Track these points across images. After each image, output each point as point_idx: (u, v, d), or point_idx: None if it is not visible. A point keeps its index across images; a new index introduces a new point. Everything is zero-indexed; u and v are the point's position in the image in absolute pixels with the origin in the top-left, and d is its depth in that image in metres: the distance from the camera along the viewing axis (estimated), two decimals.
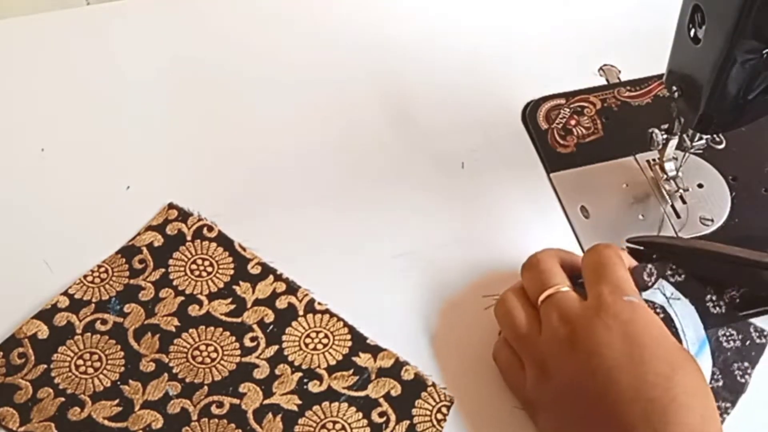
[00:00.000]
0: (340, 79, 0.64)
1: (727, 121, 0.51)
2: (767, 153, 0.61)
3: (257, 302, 0.52)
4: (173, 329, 0.51)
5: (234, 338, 0.51)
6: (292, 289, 0.53)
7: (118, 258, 0.53)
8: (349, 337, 0.51)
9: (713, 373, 0.49)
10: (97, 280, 0.52)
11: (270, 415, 0.48)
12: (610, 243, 0.48)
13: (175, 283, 0.53)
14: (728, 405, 0.48)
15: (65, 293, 0.52)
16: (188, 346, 0.50)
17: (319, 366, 0.50)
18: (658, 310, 0.49)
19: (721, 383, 0.49)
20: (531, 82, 0.65)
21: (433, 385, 0.49)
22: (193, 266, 0.53)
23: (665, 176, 0.58)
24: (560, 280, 0.47)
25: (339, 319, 0.52)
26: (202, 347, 0.50)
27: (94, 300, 0.52)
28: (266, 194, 0.58)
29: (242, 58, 0.65)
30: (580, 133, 0.62)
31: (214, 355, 0.50)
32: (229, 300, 0.52)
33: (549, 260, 0.48)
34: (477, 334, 0.52)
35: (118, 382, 0.49)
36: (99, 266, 0.53)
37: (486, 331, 0.52)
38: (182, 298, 0.52)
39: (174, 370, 0.49)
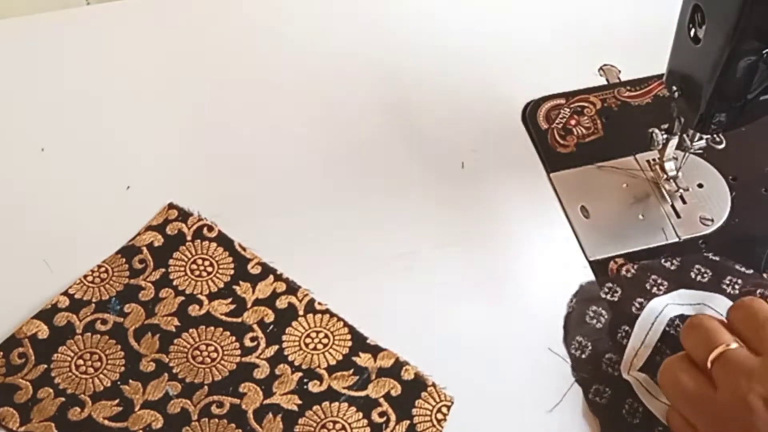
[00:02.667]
0: (340, 79, 0.64)
1: (727, 121, 0.51)
2: (767, 153, 0.61)
3: (257, 302, 0.52)
4: (173, 329, 0.51)
5: (234, 338, 0.51)
6: (292, 289, 0.53)
7: (118, 258, 0.53)
8: (349, 337, 0.51)
9: None
10: (97, 280, 0.52)
11: (270, 415, 0.48)
12: (754, 297, 0.47)
13: (175, 283, 0.53)
14: None
15: (65, 293, 0.52)
16: (188, 346, 0.50)
17: (319, 366, 0.50)
18: None
19: None
20: (531, 82, 0.65)
21: (433, 385, 0.49)
22: (193, 266, 0.53)
23: (665, 176, 0.58)
24: (728, 338, 0.45)
25: (339, 319, 0.52)
26: (202, 347, 0.50)
27: (94, 300, 0.52)
28: (266, 194, 0.58)
29: (243, 58, 0.65)
30: (580, 133, 0.62)
31: (214, 355, 0.50)
32: (229, 300, 0.52)
33: (710, 320, 0.46)
34: (477, 334, 0.52)
35: (118, 382, 0.49)
36: (99, 266, 0.53)
37: (487, 330, 0.52)
38: (182, 298, 0.52)
39: (174, 370, 0.49)
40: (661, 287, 0.54)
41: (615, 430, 0.49)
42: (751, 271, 0.55)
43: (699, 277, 0.54)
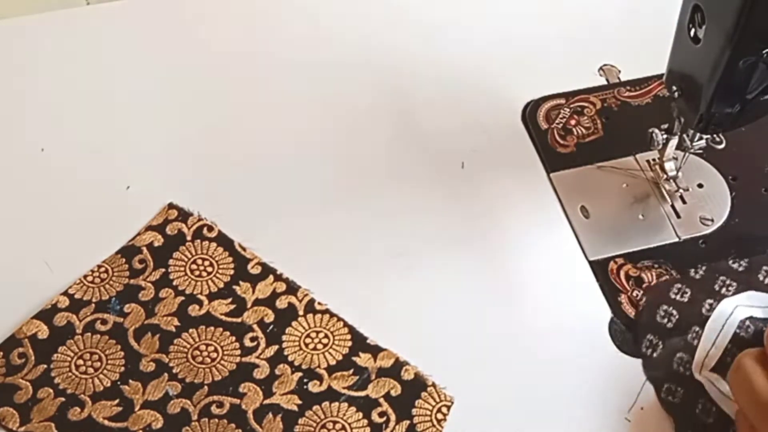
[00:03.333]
0: (340, 80, 0.64)
1: (727, 121, 0.51)
2: (767, 153, 0.61)
3: (257, 302, 0.52)
4: (173, 329, 0.51)
5: (234, 338, 0.51)
6: (292, 289, 0.53)
7: (118, 258, 0.53)
8: (349, 337, 0.51)
9: None
10: (97, 280, 0.52)
11: (270, 415, 0.48)
12: None
13: (175, 283, 0.53)
14: None
15: (65, 293, 0.52)
16: (188, 346, 0.50)
17: (319, 366, 0.50)
18: None
19: None
20: (531, 82, 0.65)
21: (433, 385, 0.49)
22: (193, 266, 0.53)
23: (665, 176, 0.58)
24: None
25: (339, 319, 0.52)
26: (202, 347, 0.50)
27: (94, 300, 0.52)
28: (266, 194, 0.58)
29: (243, 58, 0.65)
30: (580, 133, 0.62)
31: (214, 355, 0.50)
32: (229, 300, 0.52)
33: None
34: (477, 334, 0.52)
35: (118, 382, 0.49)
36: (99, 266, 0.53)
37: (487, 331, 0.52)
38: (182, 298, 0.52)
39: (174, 370, 0.49)
40: (729, 288, 0.54)
41: (691, 429, 0.49)
42: None
43: (767, 279, 0.54)
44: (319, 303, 0.52)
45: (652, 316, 0.53)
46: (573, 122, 0.63)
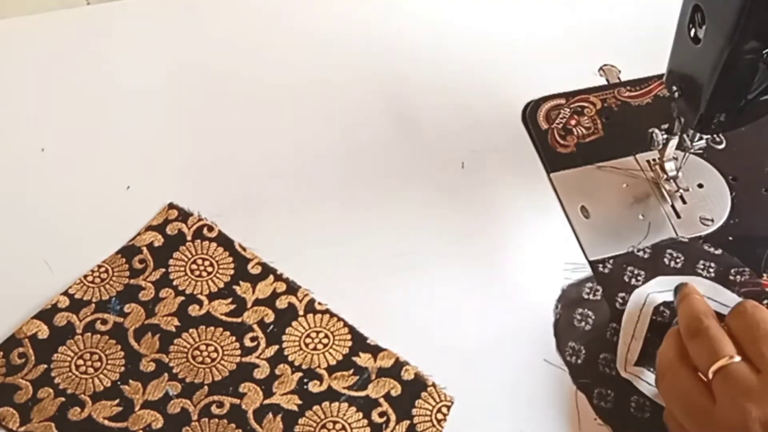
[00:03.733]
0: (340, 80, 0.64)
1: (727, 121, 0.51)
2: (767, 153, 0.61)
3: (257, 302, 0.52)
4: (173, 329, 0.51)
5: (234, 338, 0.51)
6: (292, 289, 0.53)
7: (118, 258, 0.53)
8: (349, 337, 0.51)
9: None
10: (97, 280, 0.52)
11: (270, 415, 0.48)
12: (755, 303, 0.46)
13: (175, 283, 0.53)
14: None
15: (65, 293, 0.52)
16: (188, 346, 0.50)
17: (319, 366, 0.50)
18: None
19: None
20: (531, 82, 0.65)
21: (433, 385, 0.50)
22: (194, 266, 0.53)
23: (665, 176, 0.58)
24: (731, 350, 0.44)
25: (339, 319, 0.52)
26: (202, 347, 0.50)
27: (94, 300, 0.52)
28: (266, 194, 0.58)
29: (243, 57, 0.65)
30: (580, 133, 0.62)
31: (214, 355, 0.50)
32: (229, 300, 0.52)
33: (717, 328, 0.46)
34: (477, 334, 0.52)
35: (118, 382, 0.49)
36: (99, 266, 0.53)
37: (487, 331, 0.52)
38: (182, 298, 0.52)
39: (174, 370, 0.49)
40: (639, 278, 0.54)
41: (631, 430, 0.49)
42: (719, 251, 0.55)
43: (672, 263, 0.55)
44: (319, 303, 0.52)
45: (569, 322, 0.53)
46: (573, 122, 0.63)
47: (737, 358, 0.44)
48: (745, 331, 0.45)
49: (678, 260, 0.55)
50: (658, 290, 0.54)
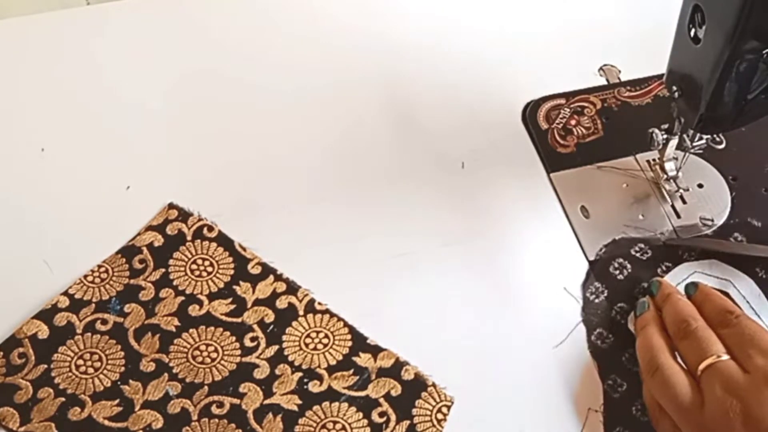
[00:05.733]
0: (340, 81, 0.64)
1: (727, 121, 0.51)
2: (767, 153, 0.61)
3: (257, 302, 0.52)
4: (173, 329, 0.51)
5: (234, 338, 0.51)
6: (292, 289, 0.53)
7: (118, 258, 0.53)
8: (349, 337, 0.51)
9: None
10: (97, 280, 0.52)
11: (270, 415, 0.48)
12: (741, 314, 0.48)
13: (175, 283, 0.53)
14: None
15: (65, 293, 0.52)
16: (188, 346, 0.50)
17: (319, 366, 0.50)
18: None
19: None
20: (531, 82, 0.65)
21: (433, 385, 0.50)
22: (194, 266, 0.53)
23: (665, 176, 0.58)
24: (719, 349, 0.46)
25: (339, 319, 0.52)
26: (202, 347, 0.50)
27: (94, 300, 0.52)
28: (266, 194, 0.58)
29: (243, 58, 0.65)
30: (580, 133, 0.62)
31: (214, 355, 0.50)
32: (229, 300, 0.52)
33: (705, 328, 0.47)
34: (477, 334, 0.52)
35: (119, 382, 0.49)
36: (99, 266, 0.53)
37: (487, 331, 0.52)
38: (182, 298, 0.52)
39: (174, 370, 0.49)
40: (691, 255, 0.55)
41: (614, 373, 0.51)
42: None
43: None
44: (319, 303, 0.52)
45: (605, 266, 0.54)
46: (573, 122, 0.63)
47: (725, 357, 0.45)
48: (732, 337, 0.46)
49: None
50: (705, 272, 0.54)
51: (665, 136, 0.56)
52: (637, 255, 0.55)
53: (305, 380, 0.49)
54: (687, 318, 0.48)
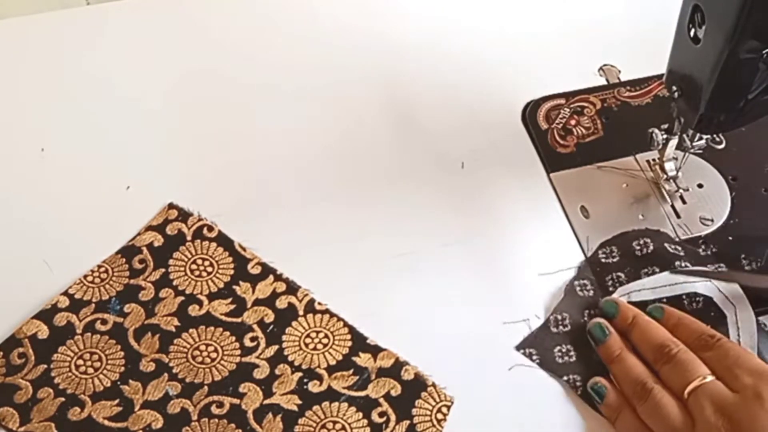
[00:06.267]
0: (340, 81, 0.64)
1: (727, 121, 0.51)
2: (767, 153, 0.61)
3: (257, 302, 0.52)
4: (173, 329, 0.51)
5: (234, 338, 0.51)
6: (292, 289, 0.53)
7: (118, 258, 0.53)
8: (349, 337, 0.51)
9: None
10: (97, 280, 0.52)
11: (270, 415, 0.48)
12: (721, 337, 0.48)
13: (175, 283, 0.53)
14: None
15: (65, 293, 0.52)
16: (188, 346, 0.50)
17: (319, 366, 0.50)
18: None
19: None
20: (531, 82, 0.65)
21: (433, 385, 0.50)
22: (193, 266, 0.53)
23: (665, 176, 0.58)
24: (704, 370, 0.46)
25: (339, 319, 0.52)
26: (202, 347, 0.50)
27: (94, 300, 0.52)
28: (266, 194, 0.58)
29: (243, 58, 0.65)
30: (580, 133, 0.62)
31: (214, 355, 0.50)
32: (229, 300, 0.52)
33: (685, 351, 0.47)
34: (477, 334, 0.52)
35: (118, 382, 0.49)
36: (99, 266, 0.53)
37: (487, 331, 0.52)
38: (182, 298, 0.52)
39: (174, 370, 0.49)
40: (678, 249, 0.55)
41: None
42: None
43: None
44: (319, 303, 0.52)
45: (629, 241, 0.55)
46: (573, 122, 0.63)
47: (710, 378, 0.45)
48: (716, 359, 0.46)
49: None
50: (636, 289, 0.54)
51: (665, 136, 0.56)
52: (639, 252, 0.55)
53: (305, 380, 0.49)
54: (667, 342, 0.48)
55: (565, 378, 0.50)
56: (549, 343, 0.51)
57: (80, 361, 0.49)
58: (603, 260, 0.55)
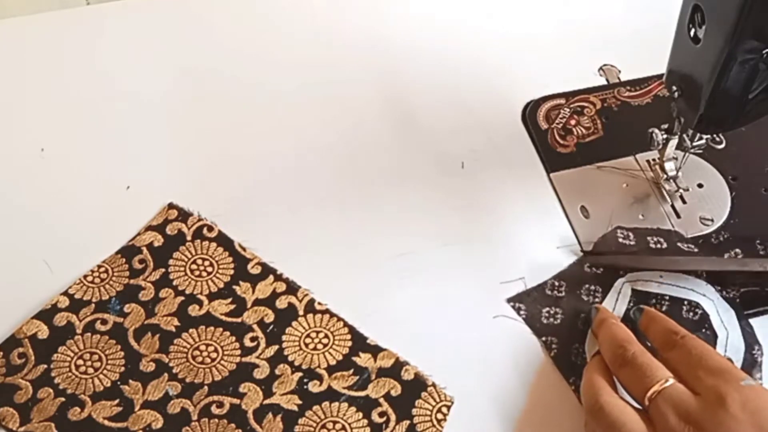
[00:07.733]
0: (340, 80, 0.64)
1: (727, 121, 0.51)
2: (767, 153, 0.61)
3: (257, 302, 0.52)
4: (173, 329, 0.51)
5: (234, 338, 0.51)
6: (292, 289, 0.53)
7: (118, 258, 0.53)
8: (349, 337, 0.51)
9: None
10: (97, 280, 0.52)
11: (270, 415, 0.48)
12: (687, 333, 0.46)
13: (175, 283, 0.53)
14: None
15: (65, 293, 0.52)
16: (188, 346, 0.50)
17: (319, 366, 0.50)
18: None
19: None
20: (531, 82, 0.65)
21: (433, 385, 0.49)
22: (193, 266, 0.53)
23: (665, 176, 0.58)
24: (664, 373, 0.44)
25: (339, 319, 0.52)
26: (202, 347, 0.50)
27: (94, 300, 0.52)
28: (266, 194, 0.58)
29: (243, 58, 0.65)
30: (580, 133, 0.62)
31: (214, 355, 0.50)
32: (229, 300, 0.52)
33: (644, 354, 0.45)
34: (477, 334, 0.52)
35: (118, 382, 0.49)
36: (99, 266, 0.53)
37: (487, 331, 0.52)
38: (182, 298, 0.52)
39: (174, 370, 0.49)
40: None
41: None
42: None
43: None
44: (319, 303, 0.52)
45: (644, 235, 0.55)
46: (573, 122, 0.63)
47: (670, 381, 0.43)
48: (678, 358, 0.45)
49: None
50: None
51: (665, 136, 0.56)
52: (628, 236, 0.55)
53: (305, 380, 0.49)
54: (621, 343, 0.46)
55: (543, 338, 0.51)
56: (540, 303, 0.52)
57: (80, 361, 0.49)
58: (620, 240, 0.55)
